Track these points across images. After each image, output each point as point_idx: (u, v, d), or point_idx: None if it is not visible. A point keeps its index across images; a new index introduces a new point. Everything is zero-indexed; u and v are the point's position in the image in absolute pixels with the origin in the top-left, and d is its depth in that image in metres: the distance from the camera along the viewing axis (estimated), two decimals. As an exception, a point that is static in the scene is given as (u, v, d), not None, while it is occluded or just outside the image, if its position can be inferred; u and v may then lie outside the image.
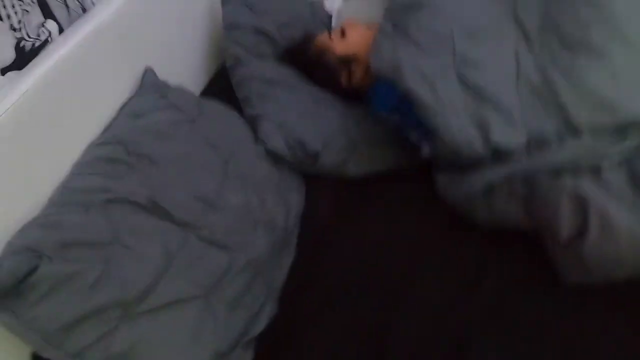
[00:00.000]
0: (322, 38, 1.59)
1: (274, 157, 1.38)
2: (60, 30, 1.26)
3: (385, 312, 1.17)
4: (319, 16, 1.84)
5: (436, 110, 1.22)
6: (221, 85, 1.63)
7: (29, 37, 1.16)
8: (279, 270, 1.27)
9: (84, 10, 1.34)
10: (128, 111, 1.30)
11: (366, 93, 1.51)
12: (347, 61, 1.51)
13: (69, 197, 1.07)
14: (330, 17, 1.82)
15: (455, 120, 1.21)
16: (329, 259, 1.30)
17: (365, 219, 1.36)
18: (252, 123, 1.43)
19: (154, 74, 1.43)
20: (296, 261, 1.31)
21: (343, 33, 1.54)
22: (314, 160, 1.40)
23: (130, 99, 1.34)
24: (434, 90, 1.22)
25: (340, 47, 1.52)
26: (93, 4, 1.36)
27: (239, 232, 1.19)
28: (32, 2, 1.17)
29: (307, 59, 1.56)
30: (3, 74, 1.09)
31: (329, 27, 1.80)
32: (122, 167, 1.15)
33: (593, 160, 1.12)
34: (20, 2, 1.13)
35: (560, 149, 1.15)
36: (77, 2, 1.31)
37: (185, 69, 1.68)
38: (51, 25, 1.24)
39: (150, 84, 1.40)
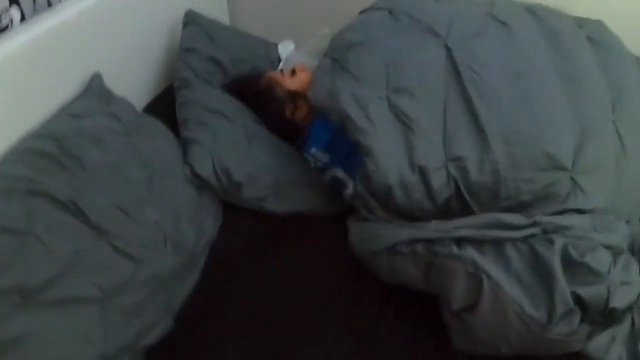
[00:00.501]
0: (274, 73, 1.70)
1: (199, 181, 1.44)
2: (23, 19, 1.30)
3: (284, 347, 1.22)
4: (270, 57, 1.94)
5: (369, 133, 1.28)
6: (165, 104, 1.68)
7: (-9, 20, 1.20)
8: (181, 289, 1.31)
9: (50, 4, 1.39)
10: (69, 111, 1.35)
11: (301, 133, 1.61)
12: (294, 96, 1.60)
13: (-5, 181, 1.11)
14: (279, 60, 1.92)
15: (385, 143, 1.28)
16: (232, 288, 1.35)
17: (275, 256, 1.41)
18: (185, 146, 1.49)
19: (101, 80, 1.48)
20: (200, 285, 1.35)
21: (294, 72, 1.65)
22: (237, 191, 1.46)
23: (73, 100, 1.39)
24: (366, 114, 1.30)
25: (289, 82, 1.63)
26: (60, 0, 1.40)
27: (150, 247, 1.24)
28: (1, -14, 1.20)
29: (257, 89, 1.64)
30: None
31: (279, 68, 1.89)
32: (51, 163, 1.19)
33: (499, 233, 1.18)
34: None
35: (476, 219, 1.23)
36: (45, -6, 1.34)
37: (134, 80, 1.73)
38: (14, 12, 1.29)
39: (95, 89, 1.45)
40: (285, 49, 1.89)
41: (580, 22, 1.50)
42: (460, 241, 1.20)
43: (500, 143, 1.24)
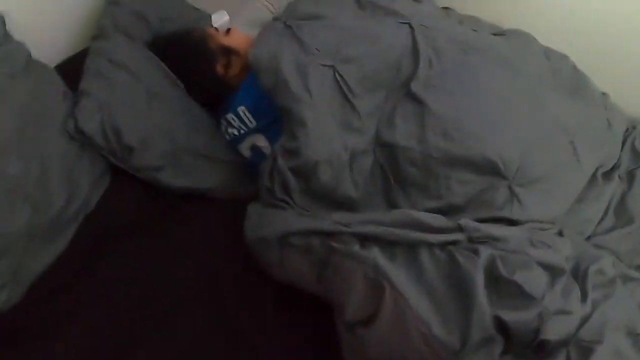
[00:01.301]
0: (208, 29, 1.53)
1: (82, 138, 1.25)
2: None
3: (135, 336, 1.07)
4: (202, 24, 1.74)
5: (304, 102, 1.19)
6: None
7: None
8: (35, 260, 1.14)
9: None
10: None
11: (226, 94, 1.43)
12: (228, 52, 1.44)
13: None
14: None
15: (321, 115, 1.19)
16: (103, 266, 1.18)
17: (159, 237, 1.24)
18: (76, 97, 1.31)
19: (1, 22, 1.31)
20: (64, 258, 1.19)
21: (228, 32, 1.50)
22: (127, 155, 1.28)
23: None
24: (305, 82, 1.20)
25: (224, 39, 1.47)
26: None
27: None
28: None
29: (188, 41, 1.48)
30: None
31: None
32: None
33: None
34: None
35: (387, 214, 1.09)
36: None
37: (53, 30, 1.55)
38: None
39: None
40: (219, 19, 1.74)
41: (549, 54, 1.43)
42: (365, 239, 1.06)
43: (437, 135, 1.14)
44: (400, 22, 1.29)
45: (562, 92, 1.31)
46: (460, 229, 1.03)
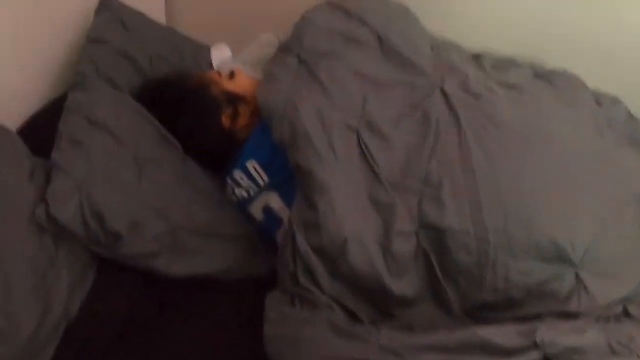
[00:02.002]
0: (208, 73, 1.35)
1: (56, 228, 1.01)
2: None
3: None
4: (200, 62, 1.51)
5: (328, 164, 1.05)
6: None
7: None
8: None
9: None
10: None
11: (233, 150, 1.23)
12: (234, 99, 1.26)
13: None
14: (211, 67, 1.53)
15: (346, 182, 1.04)
16: None
17: (157, 337, 1.04)
18: (49, 174, 1.07)
19: None
20: None
21: (232, 75, 1.30)
22: (114, 244, 1.05)
23: None
24: (330, 140, 1.07)
25: (228, 84, 1.28)
26: None
27: None
28: None
29: (185, 88, 1.26)
30: None
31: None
32: None
33: None
34: None
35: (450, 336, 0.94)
36: None
37: (28, 80, 1.32)
38: None
39: None
40: (221, 55, 1.54)
41: (599, 98, 1.29)
42: None
43: (496, 216, 0.99)
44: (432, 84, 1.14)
45: (623, 145, 1.18)
46: (536, 346, 0.89)
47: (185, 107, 1.24)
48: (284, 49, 1.23)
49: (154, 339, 1.02)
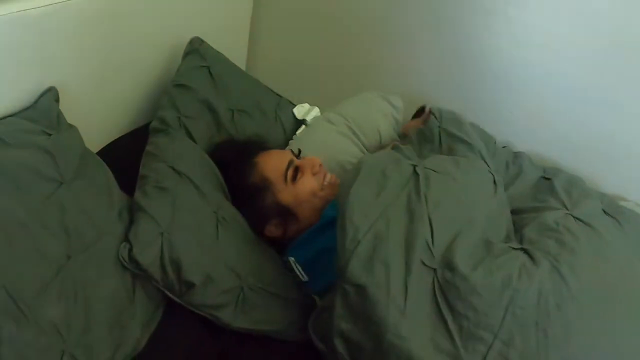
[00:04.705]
0: (272, 172, 1.27)
1: (135, 268, 1.06)
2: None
3: None
4: (281, 117, 1.56)
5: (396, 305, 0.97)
6: (137, 145, 1.30)
7: None
8: None
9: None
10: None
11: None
12: (284, 212, 1.25)
13: None
14: (293, 122, 1.58)
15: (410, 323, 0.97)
16: None
17: None
18: (133, 214, 1.12)
19: (54, 98, 1.16)
20: None
21: (296, 172, 1.27)
22: (185, 292, 1.09)
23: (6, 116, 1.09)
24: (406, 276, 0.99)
25: (285, 192, 1.25)
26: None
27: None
28: None
29: (241, 182, 1.27)
30: None
31: (288, 135, 1.56)
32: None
33: None
34: None
35: None
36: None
37: (111, 108, 1.41)
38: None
39: (42, 109, 1.13)
40: (305, 111, 1.59)
41: None
42: None
43: None
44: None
45: None
46: None
47: (239, 200, 1.25)
48: (403, 152, 1.22)
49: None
